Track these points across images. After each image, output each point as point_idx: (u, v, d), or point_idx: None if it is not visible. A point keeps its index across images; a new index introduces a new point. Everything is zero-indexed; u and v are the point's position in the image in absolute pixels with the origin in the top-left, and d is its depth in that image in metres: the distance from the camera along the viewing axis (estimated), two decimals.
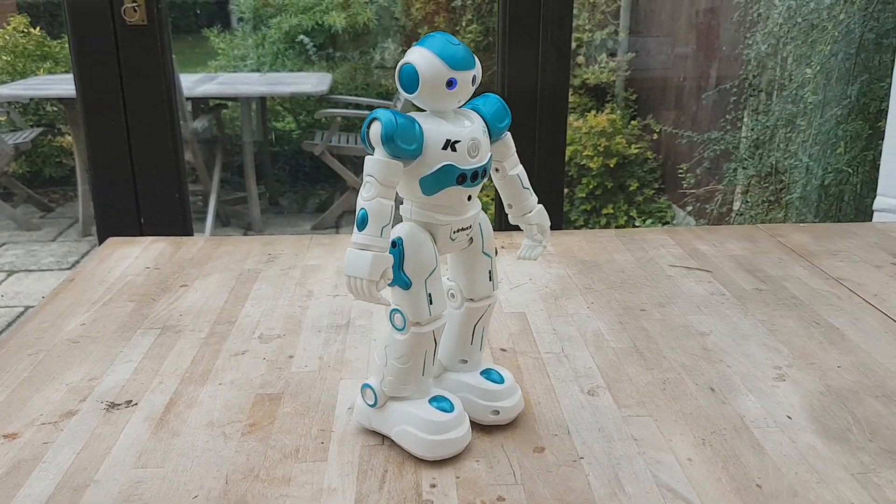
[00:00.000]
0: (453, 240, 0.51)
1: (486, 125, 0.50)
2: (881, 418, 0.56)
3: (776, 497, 0.47)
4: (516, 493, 0.48)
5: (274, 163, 3.37)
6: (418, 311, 0.49)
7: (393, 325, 0.51)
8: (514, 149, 0.53)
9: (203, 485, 0.49)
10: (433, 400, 0.52)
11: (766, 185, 2.21)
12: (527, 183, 0.54)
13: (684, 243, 0.92)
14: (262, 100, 3.21)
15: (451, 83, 0.47)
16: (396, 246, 0.49)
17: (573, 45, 3.49)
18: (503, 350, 0.67)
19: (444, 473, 0.50)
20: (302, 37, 3.40)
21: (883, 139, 1.48)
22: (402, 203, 0.50)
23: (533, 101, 1.56)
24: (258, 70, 3.46)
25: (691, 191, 2.68)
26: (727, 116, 2.55)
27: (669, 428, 0.55)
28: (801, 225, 0.98)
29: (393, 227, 0.48)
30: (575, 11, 3.50)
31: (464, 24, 3.41)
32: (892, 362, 0.63)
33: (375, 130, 0.46)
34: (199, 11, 4.01)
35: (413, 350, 0.50)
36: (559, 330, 0.71)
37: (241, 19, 3.58)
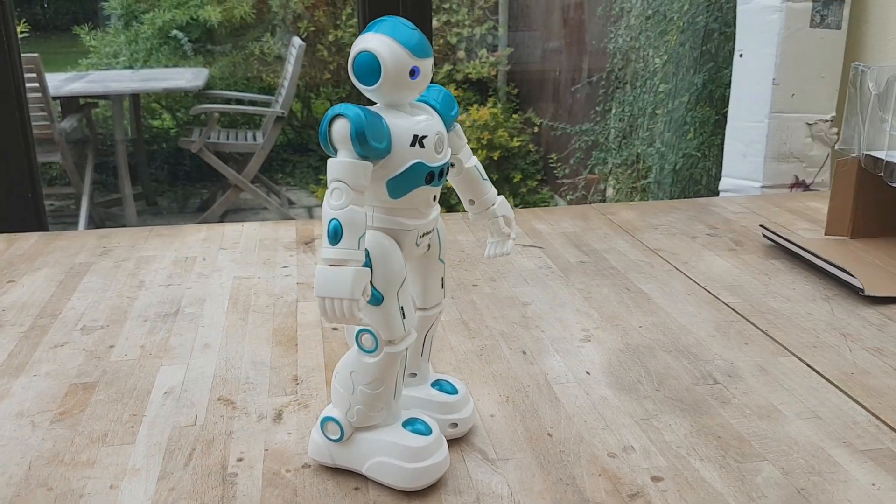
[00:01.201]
0: (418, 245, 0.46)
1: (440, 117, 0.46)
2: (670, 370, 0.60)
3: (564, 443, 0.51)
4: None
5: (151, 162, 3.26)
6: (392, 327, 0.44)
7: (361, 348, 0.45)
8: (465, 139, 0.49)
9: (4, 472, 0.49)
10: (406, 423, 0.47)
11: (631, 172, 2.32)
12: (484, 174, 0.50)
13: (524, 223, 0.96)
14: (135, 97, 3.11)
15: (413, 72, 0.42)
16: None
17: (454, 40, 3.55)
18: (334, 329, 0.68)
19: (252, 448, 0.51)
20: (176, 32, 3.30)
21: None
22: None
23: None
24: (131, 67, 3.34)
25: (568, 181, 2.78)
26: (597, 108, 2.66)
27: (478, 389, 0.58)
28: (631, 203, 1.04)
29: None
30: (454, 6, 3.55)
31: (344, 17, 3.41)
32: (688, 321, 0.69)
33: (342, 128, 0.41)
34: (68, 9, 3.84)
35: (385, 372, 0.45)
36: None
37: (109, 16, 3.45)
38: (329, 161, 0.41)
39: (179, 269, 0.81)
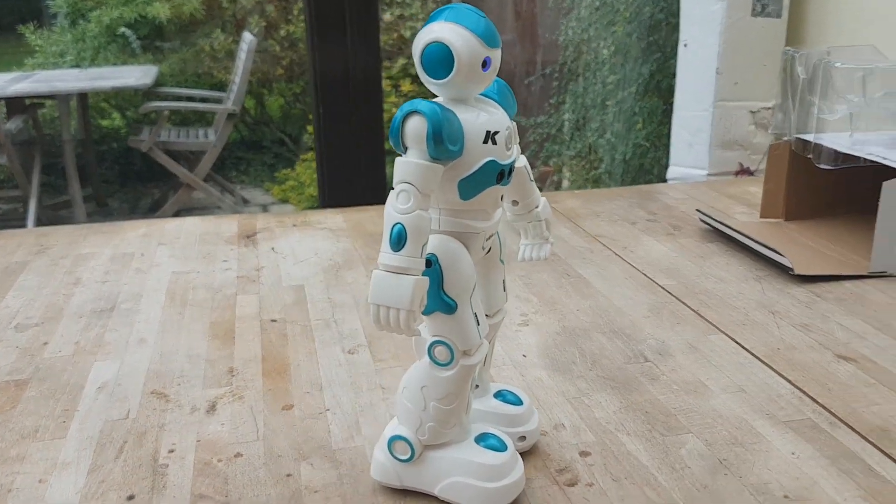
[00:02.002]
0: (483, 249, 0.43)
1: None
2: (604, 350, 0.61)
3: None
4: (255, 448, 0.50)
5: (101, 162, 3.20)
6: (468, 336, 0.41)
7: (435, 362, 0.42)
8: (517, 136, 0.45)
9: None
10: (479, 439, 0.44)
11: (585, 163, 2.34)
12: (531, 174, 0.47)
13: None
14: (82, 96, 3.05)
15: (485, 63, 0.39)
16: (431, 265, 0.40)
17: (408, 34, 3.55)
18: (273, 321, 0.68)
19: (184, 439, 0.51)
20: (124, 29, 3.25)
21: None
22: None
23: (346, 87, 1.58)
24: (78, 66, 3.28)
25: None
26: (551, 101, 2.68)
27: None
28: (576, 192, 1.06)
29: None
30: (407, 0, 3.55)
31: (296, 12, 3.38)
32: (624, 303, 0.70)
33: (417, 126, 0.37)
34: (13, 8, 3.75)
35: (460, 386, 0.42)
36: (334, 298, 0.73)
37: (55, 15, 3.38)
38: (398, 160, 0.38)
39: (117, 266, 0.80)
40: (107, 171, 3.23)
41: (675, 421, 0.52)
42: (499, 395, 0.49)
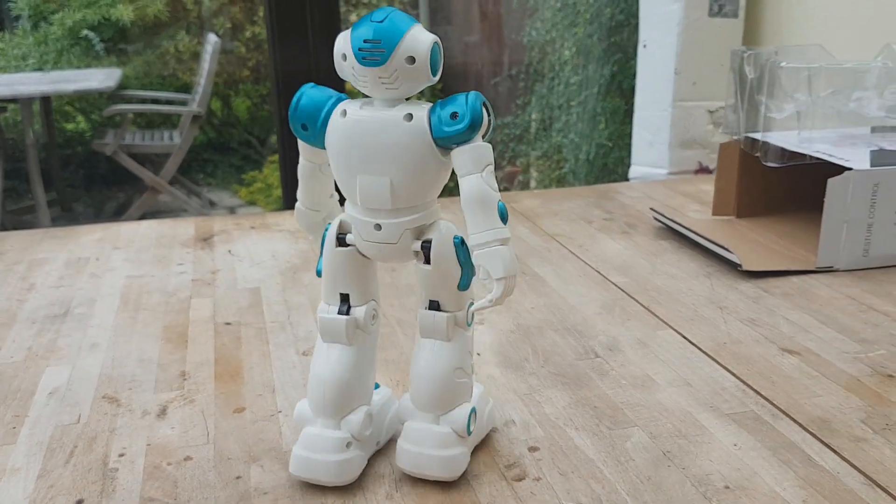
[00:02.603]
0: None
1: None
2: (556, 347, 0.62)
3: None
4: (205, 451, 0.50)
5: (65, 166, 3.16)
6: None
7: (469, 324, 0.46)
8: None
9: None
10: None
11: (550, 163, 2.36)
12: None
13: None
14: (45, 100, 3.00)
15: None
16: (464, 243, 0.44)
17: None
18: (227, 324, 0.68)
19: (134, 443, 0.51)
20: (87, 32, 3.21)
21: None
22: (424, 208, 0.44)
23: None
24: (41, 69, 3.23)
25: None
26: (517, 101, 2.69)
27: None
28: (535, 192, 1.07)
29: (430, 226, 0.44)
30: (374, 1, 3.54)
31: (261, 14, 3.36)
32: (577, 301, 0.71)
33: (487, 115, 0.42)
34: None
35: None
36: (290, 300, 0.73)
37: (17, 17, 3.32)
38: (479, 145, 0.42)
39: (71, 271, 0.79)
40: (71, 175, 3.18)
41: (621, 415, 0.53)
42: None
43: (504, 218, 0.42)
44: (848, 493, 0.45)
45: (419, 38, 0.40)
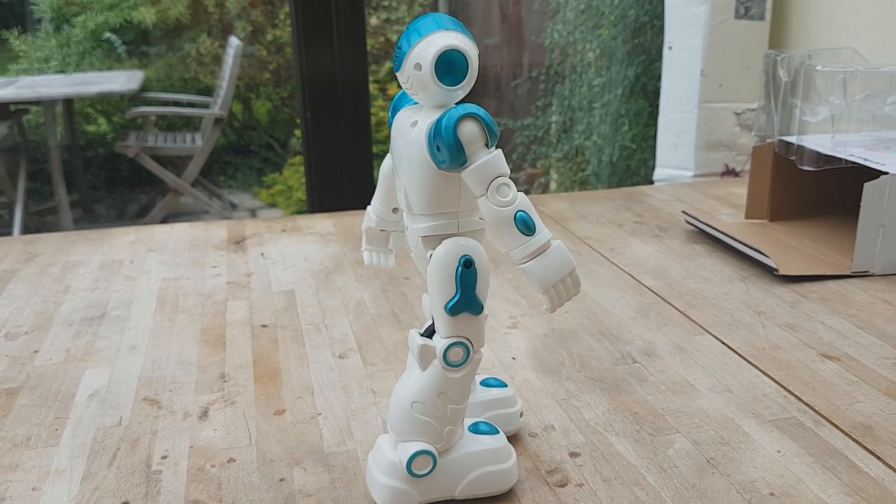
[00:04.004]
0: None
1: None
2: (592, 352, 0.62)
3: None
4: (248, 453, 0.50)
5: (87, 168, 3.19)
6: (482, 336, 0.43)
7: (449, 364, 0.42)
8: None
9: None
10: (472, 429, 0.46)
11: (572, 165, 2.36)
12: None
13: None
14: (68, 102, 3.04)
15: None
16: (471, 266, 0.41)
17: (394, 37, 3.55)
18: (264, 326, 0.69)
19: (177, 445, 0.51)
20: (109, 35, 3.23)
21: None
22: (436, 218, 0.42)
23: (333, 91, 1.58)
24: (63, 71, 3.26)
25: (511, 176, 2.80)
26: (537, 103, 2.69)
27: None
28: (562, 194, 1.07)
29: (436, 247, 0.41)
30: (393, 4, 3.56)
31: (282, 17, 3.38)
32: (611, 305, 0.71)
33: (473, 127, 0.39)
34: None
35: (469, 382, 0.43)
36: (324, 303, 0.73)
37: (40, 20, 3.36)
38: (482, 163, 0.39)
39: (106, 273, 0.80)
40: (93, 177, 3.21)
41: (662, 421, 0.52)
42: (483, 383, 0.50)
43: (528, 228, 0.39)
44: (894, 501, 0.44)
45: (432, 45, 0.39)
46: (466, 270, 0.40)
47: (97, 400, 0.57)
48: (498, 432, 0.46)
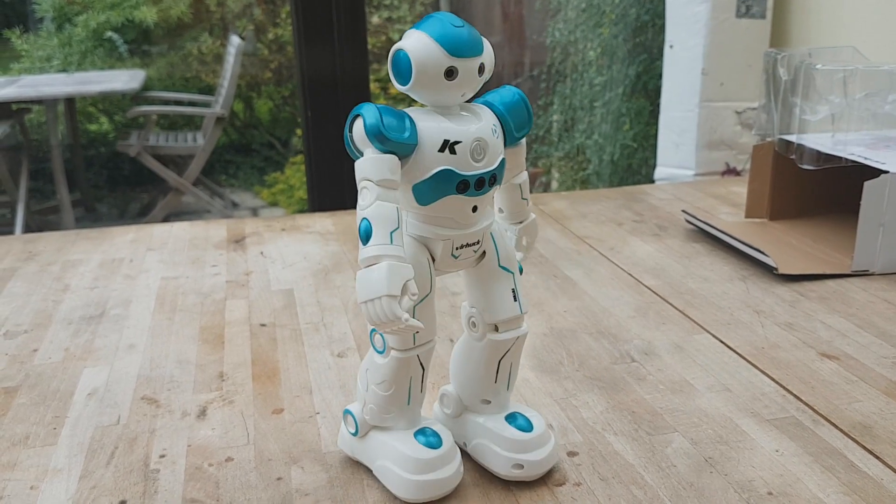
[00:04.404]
0: (456, 257, 0.43)
1: (501, 124, 0.42)
2: (590, 351, 0.62)
3: None
4: (246, 452, 0.50)
5: (89, 167, 3.19)
6: (402, 337, 0.43)
7: (373, 347, 0.44)
8: (524, 154, 0.45)
9: None
10: (419, 433, 0.45)
11: (573, 164, 2.35)
12: (527, 193, 0.47)
13: None
14: (70, 101, 3.04)
15: (451, 73, 0.39)
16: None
17: (396, 36, 3.55)
18: (263, 325, 0.69)
19: (175, 444, 0.51)
20: (111, 34, 3.24)
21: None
22: None
23: (334, 90, 1.58)
24: (65, 70, 3.26)
25: None
26: (539, 102, 2.69)
27: None
28: (562, 193, 1.07)
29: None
30: (395, 3, 3.55)
31: (283, 15, 3.38)
32: (610, 304, 0.71)
33: (358, 126, 0.39)
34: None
35: (395, 376, 0.44)
36: (323, 302, 0.73)
37: (41, 19, 3.36)
38: (356, 164, 0.40)
39: (106, 272, 0.80)
40: (95, 176, 3.22)
41: (661, 420, 0.52)
42: (510, 417, 0.47)
43: (364, 237, 0.39)
44: (893, 500, 0.44)
45: (400, 45, 0.40)
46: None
47: (95, 399, 0.57)
48: (438, 447, 0.45)
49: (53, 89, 2.88)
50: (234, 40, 2.96)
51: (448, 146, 0.40)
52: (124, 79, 2.98)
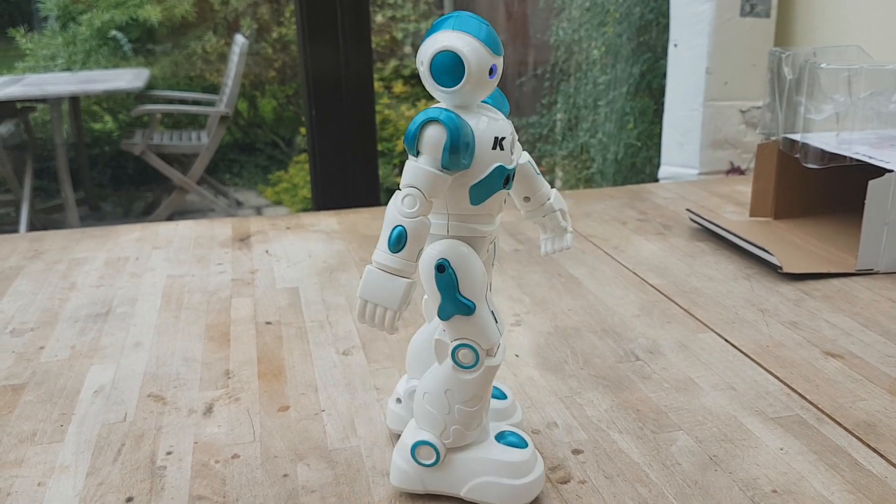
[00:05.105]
0: (487, 252, 0.44)
1: None
2: (595, 349, 0.62)
3: None
4: (252, 449, 0.51)
5: (93, 166, 3.20)
6: (489, 335, 0.42)
7: (458, 365, 0.42)
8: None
9: None
10: (499, 437, 0.45)
11: (577, 163, 2.35)
12: (537, 168, 0.48)
13: None
14: (74, 100, 3.04)
15: (492, 71, 0.39)
16: (445, 270, 0.40)
17: (399, 35, 3.55)
18: (268, 323, 0.69)
19: (182, 441, 0.52)
20: (115, 32, 3.24)
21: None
22: (435, 217, 0.42)
23: (338, 89, 1.59)
24: (70, 69, 3.27)
25: None
26: (542, 101, 2.69)
27: None
28: (566, 192, 1.07)
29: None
30: (399, 1, 3.55)
31: (288, 14, 3.38)
32: (614, 303, 0.71)
33: (435, 135, 0.38)
34: (2, 11, 3.74)
35: (484, 388, 0.43)
36: (328, 300, 0.73)
37: (46, 18, 3.37)
38: (408, 163, 0.39)
39: (112, 270, 0.80)
40: (99, 175, 3.23)
41: (665, 418, 0.52)
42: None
43: (393, 243, 0.39)
44: None
45: (432, 44, 0.39)
46: (440, 275, 0.40)
47: (102, 396, 0.57)
48: (525, 447, 0.45)
49: (58, 88, 2.89)
50: (239, 39, 2.96)
51: (498, 143, 0.40)
52: (128, 78, 2.99)
